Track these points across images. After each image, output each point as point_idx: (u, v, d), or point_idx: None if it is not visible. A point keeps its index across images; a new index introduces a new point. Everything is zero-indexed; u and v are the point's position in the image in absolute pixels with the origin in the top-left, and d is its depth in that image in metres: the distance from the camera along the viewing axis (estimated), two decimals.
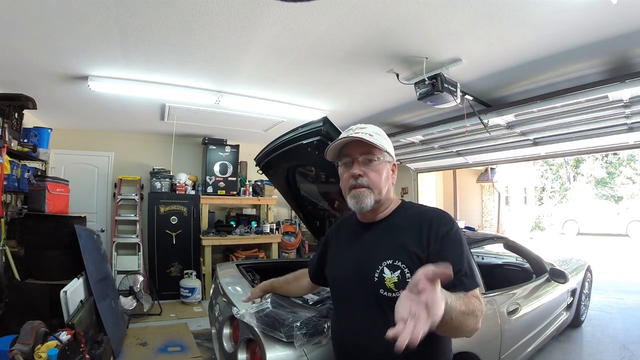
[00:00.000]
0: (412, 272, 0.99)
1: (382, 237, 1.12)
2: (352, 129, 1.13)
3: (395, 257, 1.03)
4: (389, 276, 1.02)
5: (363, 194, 1.09)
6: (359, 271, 1.10)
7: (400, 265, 1.02)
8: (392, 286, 1.01)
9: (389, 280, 1.02)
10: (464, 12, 2.08)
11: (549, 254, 3.63)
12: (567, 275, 2.74)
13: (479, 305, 0.93)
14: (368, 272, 1.06)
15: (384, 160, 1.12)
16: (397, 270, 1.02)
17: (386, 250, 1.06)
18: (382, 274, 1.03)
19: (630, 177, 16.87)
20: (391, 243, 1.07)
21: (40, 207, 3.19)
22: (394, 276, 1.01)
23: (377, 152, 1.11)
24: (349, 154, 1.13)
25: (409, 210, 1.16)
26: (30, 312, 2.58)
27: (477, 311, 0.92)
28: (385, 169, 1.13)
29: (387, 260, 1.04)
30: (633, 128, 3.68)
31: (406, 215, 1.13)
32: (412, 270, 0.99)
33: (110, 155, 5.38)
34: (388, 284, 1.02)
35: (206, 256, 4.99)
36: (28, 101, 3.25)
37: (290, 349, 1.32)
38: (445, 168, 7.04)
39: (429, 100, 2.93)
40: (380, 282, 1.03)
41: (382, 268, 1.03)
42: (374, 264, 1.05)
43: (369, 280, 1.05)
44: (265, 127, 4.93)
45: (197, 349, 3.21)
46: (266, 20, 2.19)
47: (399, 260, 1.02)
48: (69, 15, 2.11)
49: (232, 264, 2.78)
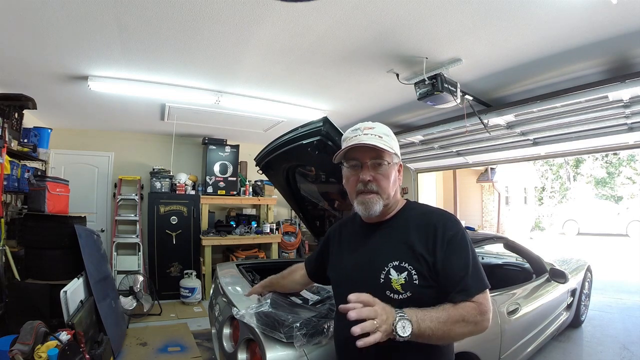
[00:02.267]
0: (418, 274, 0.99)
1: (388, 238, 1.09)
2: (359, 129, 1.09)
3: (402, 258, 1.02)
4: (396, 277, 1.00)
5: (372, 200, 1.06)
6: (364, 272, 1.08)
7: (407, 266, 1.00)
8: (399, 288, 1.00)
9: (396, 282, 1.00)
10: (464, 12, 2.07)
11: (549, 254, 3.63)
12: (567, 275, 2.74)
13: (472, 311, 0.94)
14: (374, 273, 1.04)
15: (392, 162, 1.09)
16: (404, 272, 1.00)
17: (392, 251, 1.05)
18: (388, 276, 1.01)
19: (630, 177, 16.86)
20: (397, 244, 1.05)
21: (40, 207, 3.19)
22: (401, 277, 1.00)
23: (387, 155, 1.07)
24: (357, 158, 1.08)
25: (414, 210, 1.14)
26: (30, 312, 2.58)
27: (468, 317, 0.93)
28: (393, 171, 1.10)
29: (394, 262, 1.02)
30: (633, 128, 3.68)
31: (412, 216, 1.11)
32: (419, 271, 0.99)
33: (110, 155, 5.38)
34: (395, 286, 1.00)
35: (206, 256, 4.99)
36: (28, 101, 3.24)
37: (290, 349, 1.32)
38: (445, 168, 7.04)
39: (429, 100, 2.93)
40: (386, 283, 1.01)
41: (389, 269, 1.02)
42: (380, 265, 1.04)
43: (374, 282, 1.03)
44: (265, 127, 4.93)
45: (197, 349, 3.21)
46: (266, 20, 2.19)
47: (405, 262, 1.01)
48: (69, 15, 2.12)
49: (232, 264, 2.78)
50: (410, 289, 0.99)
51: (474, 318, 0.94)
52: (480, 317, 0.95)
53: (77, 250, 2.95)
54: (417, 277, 0.99)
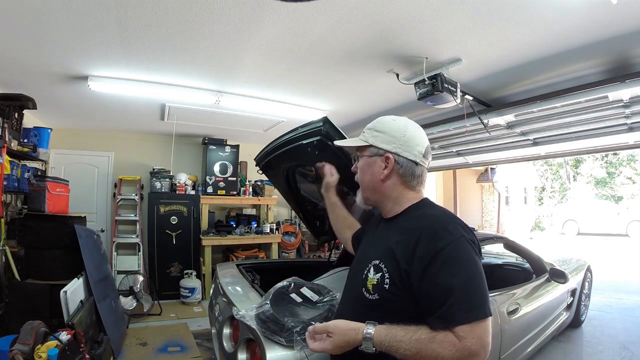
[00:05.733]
0: (390, 279, 0.94)
1: (383, 235, 1.09)
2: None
3: (382, 259, 0.98)
4: (371, 277, 0.98)
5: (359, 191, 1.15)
6: (357, 265, 1.11)
7: (383, 268, 0.96)
8: (371, 288, 0.97)
9: (370, 281, 0.98)
10: (464, 12, 2.07)
11: (549, 254, 3.63)
12: (567, 275, 2.74)
13: (449, 347, 0.79)
14: (360, 268, 1.05)
15: (368, 155, 1.10)
16: (379, 273, 0.97)
17: (377, 250, 1.04)
18: (367, 273, 1.00)
19: (630, 177, 16.88)
20: (383, 244, 1.03)
21: (40, 207, 3.19)
22: (374, 278, 0.97)
23: (362, 150, 1.13)
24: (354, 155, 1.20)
25: (418, 210, 1.05)
26: (30, 312, 2.58)
27: (443, 354, 0.79)
28: (372, 165, 1.08)
29: (375, 261, 1.00)
30: (633, 128, 3.68)
31: (410, 217, 1.04)
32: (391, 276, 0.94)
33: (110, 155, 5.38)
34: (368, 285, 0.98)
35: (206, 256, 4.99)
36: (28, 101, 3.24)
37: (291, 349, 1.32)
38: (445, 168, 7.04)
39: (429, 100, 2.93)
40: (364, 280, 1.00)
41: (370, 267, 1.00)
42: (366, 261, 1.04)
43: (358, 277, 1.04)
44: (265, 127, 4.93)
45: (197, 349, 3.21)
46: (266, 20, 2.19)
47: (383, 263, 0.97)
48: (69, 15, 2.11)
49: (232, 264, 2.78)
50: (379, 291, 0.96)
51: (450, 356, 0.79)
52: (458, 356, 0.79)
53: (77, 250, 2.95)
54: (389, 281, 0.94)
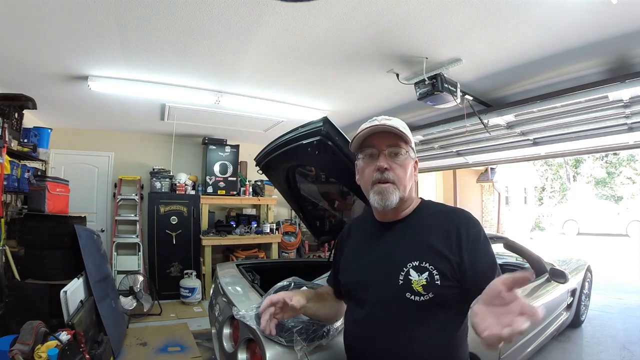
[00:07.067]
0: (440, 274, 0.94)
1: (406, 237, 1.04)
2: (377, 120, 1.05)
3: (423, 258, 0.97)
4: (417, 278, 0.95)
5: (388, 189, 1.00)
6: (381, 273, 1.02)
7: (429, 266, 0.95)
8: (421, 289, 0.95)
9: (417, 283, 0.95)
10: (464, 12, 2.07)
11: (549, 254, 3.63)
12: (567, 275, 2.74)
13: None
14: (391, 274, 0.99)
15: (409, 155, 1.05)
16: (425, 272, 0.95)
17: (412, 250, 0.99)
18: (408, 276, 0.96)
19: (630, 177, 16.87)
20: (417, 243, 1.00)
21: (40, 207, 3.19)
22: (422, 278, 0.95)
23: (404, 145, 1.04)
24: (373, 145, 1.04)
25: (430, 208, 1.09)
26: (30, 312, 2.57)
27: None
28: (410, 164, 1.06)
29: (414, 262, 0.97)
30: (633, 128, 3.68)
31: (429, 214, 1.06)
32: (441, 272, 0.95)
33: (110, 155, 5.37)
34: (415, 287, 0.95)
35: (206, 256, 4.99)
36: (28, 101, 3.24)
37: (291, 349, 1.32)
38: (445, 168, 7.04)
39: (429, 100, 2.93)
40: (406, 284, 0.96)
41: (408, 270, 0.96)
42: (399, 265, 0.98)
43: (392, 284, 0.98)
44: (265, 127, 4.93)
45: (197, 349, 3.21)
46: (266, 20, 2.19)
47: (426, 262, 0.96)
48: (69, 15, 2.11)
49: (232, 264, 2.78)
50: (432, 289, 0.94)
51: None
52: None
53: (77, 250, 2.95)
54: (439, 277, 0.94)
